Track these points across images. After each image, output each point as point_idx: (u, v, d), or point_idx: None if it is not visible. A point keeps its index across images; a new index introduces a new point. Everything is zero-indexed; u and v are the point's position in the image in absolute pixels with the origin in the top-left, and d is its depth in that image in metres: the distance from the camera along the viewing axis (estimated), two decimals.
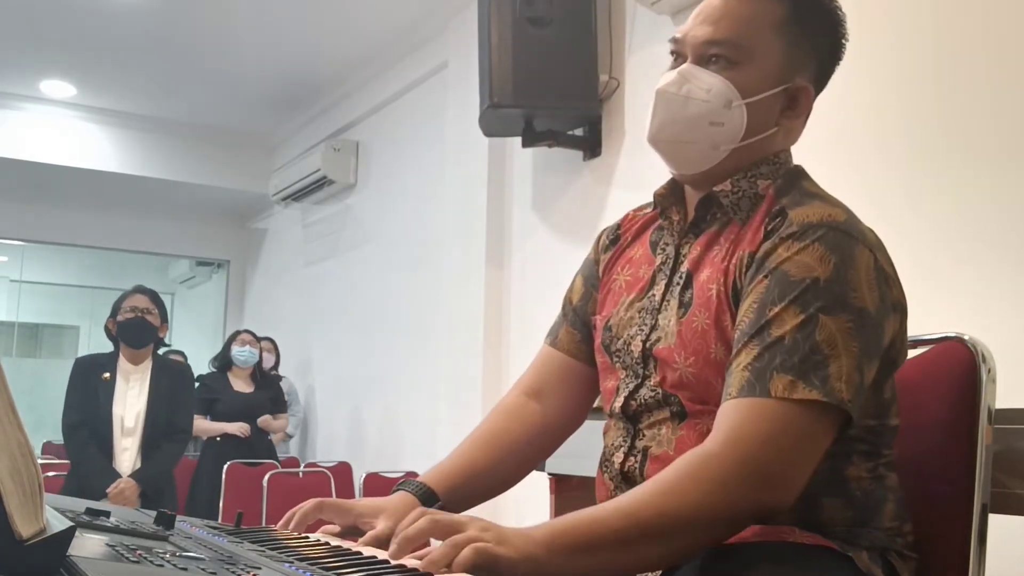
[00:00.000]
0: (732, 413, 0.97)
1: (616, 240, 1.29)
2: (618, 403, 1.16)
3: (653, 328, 1.14)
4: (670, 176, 1.21)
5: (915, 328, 1.26)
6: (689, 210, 1.18)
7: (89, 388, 3.53)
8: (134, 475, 3.47)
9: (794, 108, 1.14)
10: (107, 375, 3.55)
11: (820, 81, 1.18)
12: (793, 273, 1.00)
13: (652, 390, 1.12)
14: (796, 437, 0.95)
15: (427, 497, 1.18)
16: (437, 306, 4.54)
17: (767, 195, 1.12)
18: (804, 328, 0.97)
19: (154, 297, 3.65)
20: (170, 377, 3.68)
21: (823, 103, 1.21)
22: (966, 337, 1.17)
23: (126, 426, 3.53)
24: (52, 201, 6.69)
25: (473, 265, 4.17)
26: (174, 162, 6.41)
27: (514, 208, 4.11)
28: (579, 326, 1.30)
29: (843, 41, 1.18)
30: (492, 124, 3.63)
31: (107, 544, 0.81)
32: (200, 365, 6.12)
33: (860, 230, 1.05)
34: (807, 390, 0.95)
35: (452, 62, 4.49)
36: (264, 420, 4.99)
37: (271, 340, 5.72)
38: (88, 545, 0.79)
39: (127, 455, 3.51)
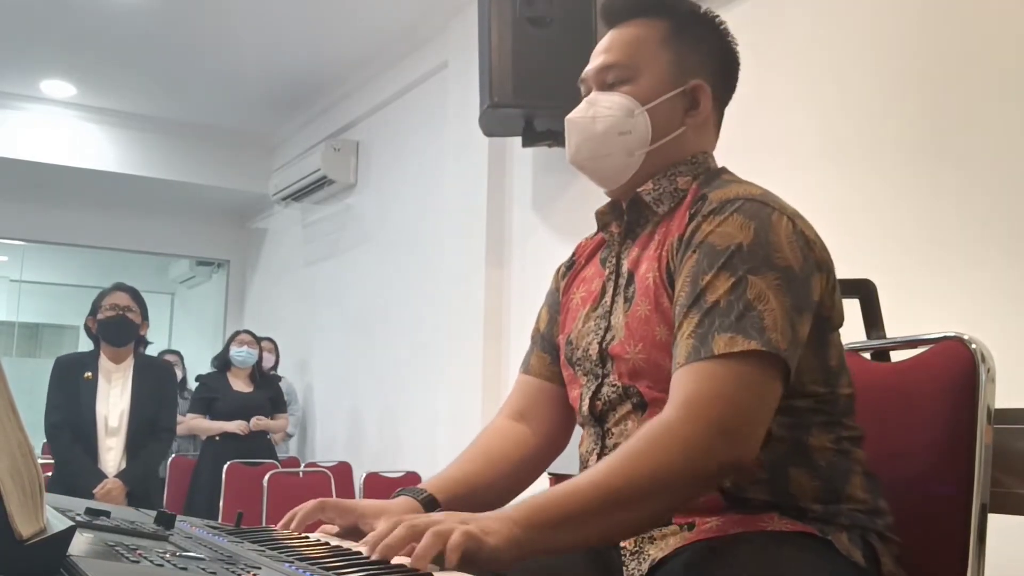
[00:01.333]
0: (683, 379, 1.03)
1: (571, 266, 1.38)
2: (584, 406, 1.21)
3: (607, 330, 1.20)
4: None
5: (915, 328, 1.27)
6: (622, 215, 1.26)
7: (71, 388, 3.49)
8: (120, 475, 3.44)
9: (696, 107, 1.23)
10: (89, 374, 3.51)
11: (721, 82, 1.26)
12: (718, 243, 1.07)
13: (612, 385, 1.17)
14: (745, 390, 1.01)
15: (430, 504, 1.20)
16: (437, 306, 4.54)
17: (690, 189, 1.20)
18: (736, 289, 1.04)
19: (135, 295, 3.61)
20: (153, 375, 3.65)
21: (823, 103, 1.21)
22: (966, 337, 1.17)
23: (110, 426, 3.50)
24: (52, 201, 6.69)
25: (473, 265, 4.17)
26: (174, 162, 6.41)
27: (514, 208, 4.11)
28: (548, 349, 1.36)
29: (732, 46, 1.28)
30: (492, 124, 3.63)
31: (107, 544, 0.81)
32: (200, 365, 6.13)
33: (777, 201, 1.12)
34: (746, 341, 1.01)
35: (452, 62, 4.49)
36: (256, 421, 4.96)
37: (271, 340, 5.72)
38: (88, 545, 0.79)
39: (112, 455, 3.49)
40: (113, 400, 3.53)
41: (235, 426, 4.88)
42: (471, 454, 1.33)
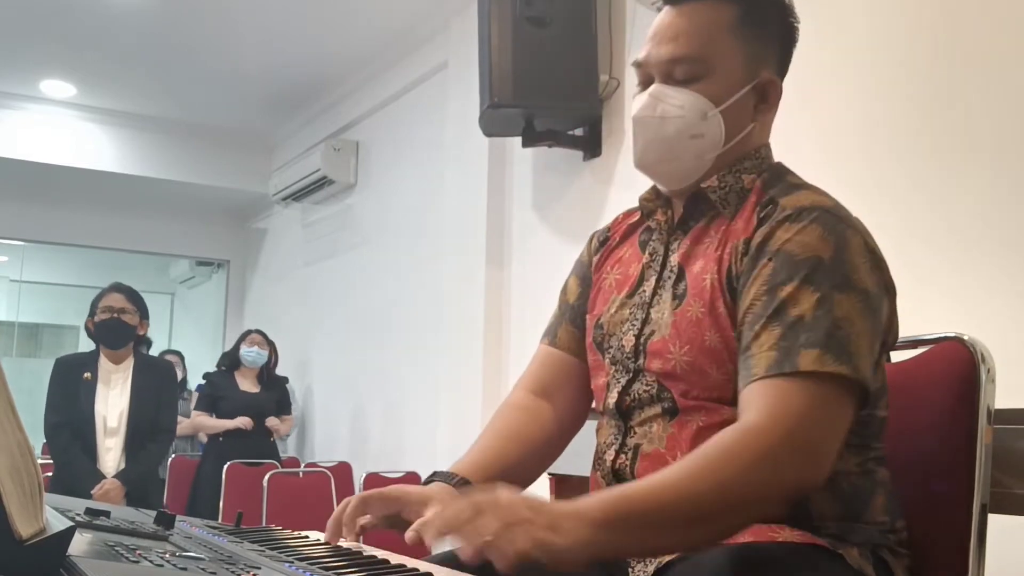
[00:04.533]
0: (765, 391, 0.98)
1: (605, 241, 1.32)
2: (611, 399, 1.17)
3: (645, 322, 1.15)
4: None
5: (915, 328, 1.26)
6: (676, 209, 1.21)
7: (71, 388, 3.48)
8: (119, 475, 3.44)
9: (766, 101, 1.17)
10: (88, 375, 3.51)
11: (782, 68, 1.21)
12: (797, 252, 1.03)
13: (647, 385, 1.13)
14: (828, 411, 0.97)
15: (464, 488, 1.16)
16: (437, 306, 4.54)
17: (754, 188, 1.14)
18: (822, 306, 0.99)
19: (131, 295, 3.59)
20: (153, 376, 3.64)
21: (822, 102, 1.22)
22: (966, 337, 1.17)
23: (109, 426, 3.50)
24: (52, 201, 6.69)
25: (473, 265, 4.17)
26: (174, 162, 6.40)
27: (514, 208, 4.11)
28: (579, 323, 1.30)
29: (795, 24, 1.21)
30: (492, 124, 3.63)
31: (107, 544, 0.81)
32: (200, 365, 6.13)
33: (847, 216, 1.08)
34: (836, 363, 0.97)
35: (452, 62, 4.49)
36: (272, 422, 4.98)
37: (270, 342, 5.71)
38: (88, 545, 0.79)
39: (111, 455, 3.48)
40: (112, 401, 3.52)
41: (239, 422, 4.87)
42: (496, 432, 1.28)
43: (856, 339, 0.99)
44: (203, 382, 5.36)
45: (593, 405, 1.29)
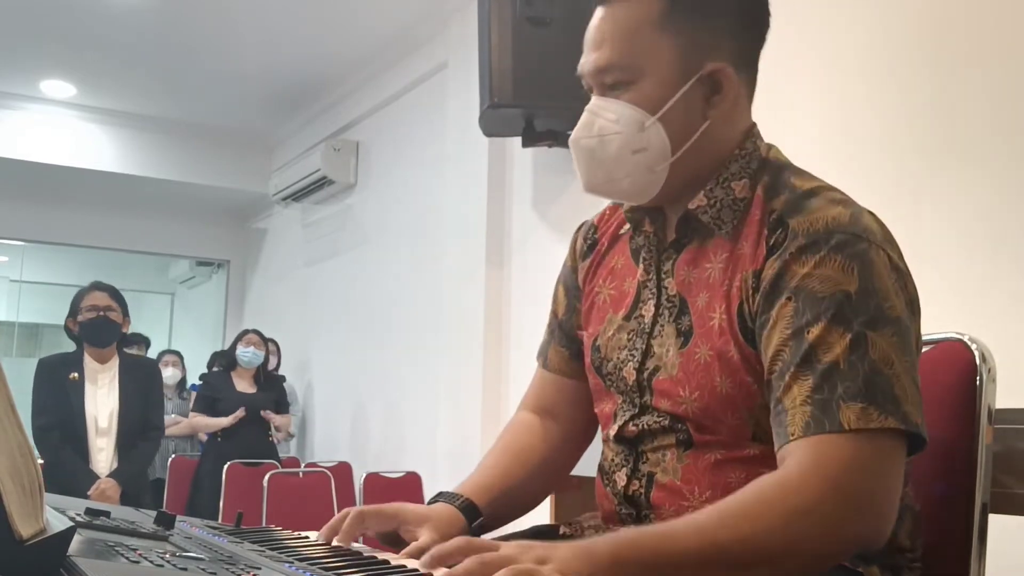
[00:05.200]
0: (805, 449, 0.89)
1: (594, 245, 1.22)
2: (613, 430, 1.12)
3: (646, 355, 1.08)
4: None
5: None
6: (668, 222, 1.11)
7: (58, 389, 3.46)
8: (113, 475, 3.43)
9: (719, 91, 1.05)
10: (75, 375, 3.49)
11: (743, 52, 1.08)
12: (819, 290, 0.93)
13: (658, 417, 1.06)
14: (879, 465, 0.89)
15: (470, 511, 1.14)
16: (437, 306, 4.54)
17: (755, 199, 1.04)
18: (856, 349, 0.90)
19: (113, 293, 3.58)
20: (139, 375, 3.64)
21: (821, 102, 1.21)
22: (966, 337, 1.17)
23: (100, 426, 3.49)
24: (52, 201, 6.69)
25: (473, 265, 4.17)
26: (174, 162, 6.41)
27: (514, 208, 4.11)
28: (566, 343, 1.25)
29: (754, 2, 1.08)
30: (492, 124, 3.62)
31: (107, 544, 0.81)
32: (200, 365, 6.12)
33: (867, 227, 0.98)
34: (882, 417, 0.88)
35: (452, 62, 4.49)
36: (267, 413, 4.96)
37: (274, 342, 5.72)
38: (88, 545, 0.79)
39: (103, 455, 3.47)
40: (101, 400, 3.51)
41: (232, 417, 4.85)
42: (502, 452, 1.24)
43: (898, 381, 0.90)
44: (200, 383, 5.36)
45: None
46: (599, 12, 1.07)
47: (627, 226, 1.18)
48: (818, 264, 0.94)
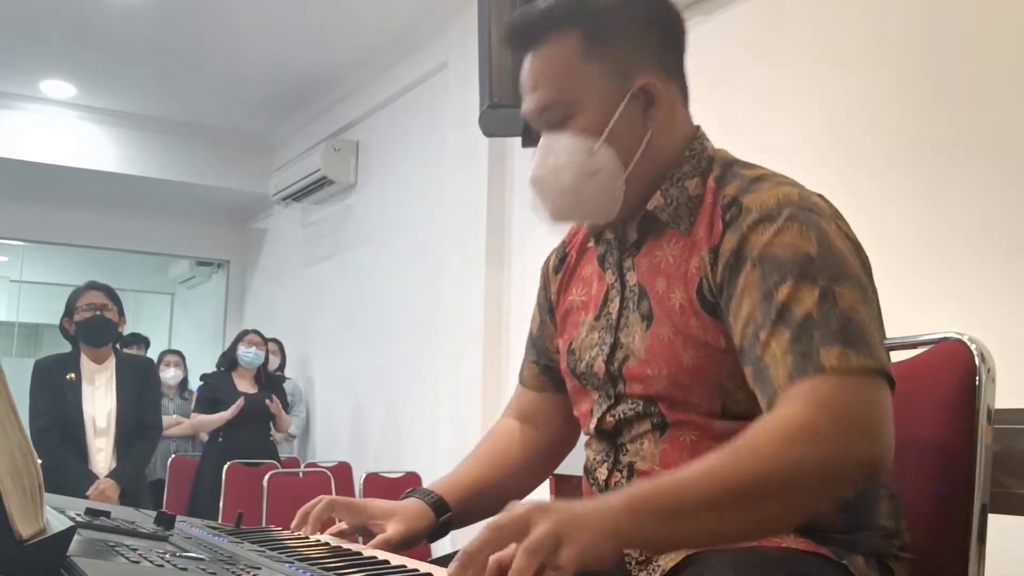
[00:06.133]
0: (794, 393, 0.92)
1: (563, 259, 1.29)
2: (592, 425, 1.15)
3: (615, 347, 1.13)
4: None
5: (915, 328, 1.26)
6: (627, 226, 1.16)
7: (55, 391, 3.45)
8: (112, 475, 3.43)
9: (653, 103, 1.10)
10: (72, 376, 3.48)
11: (666, 59, 1.13)
12: (781, 254, 0.98)
13: (632, 404, 1.10)
14: (871, 395, 0.92)
15: (439, 507, 1.19)
16: (437, 306, 4.54)
17: (707, 190, 1.09)
18: (825, 301, 0.95)
19: (109, 292, 3.56)
20: (136, 374, 3.63)
21: (819, 103, 1.21)
22: (966, 337, 1.17)
23: (98, 426, 3.49)
24: (52, 201, 6.69)
25: (473, 265, 4.17)
26: (174, 162, 6.41)
27: (514, 208, 4.11)
28: (536, 358, 1.32)
29: (662, 13, 1.13)
30: (492, 124, 3.62)
31: (107, 544, 0.81)
32: (200, 365, 6.12)
33: (815, 204, 1.03)
34: (860, 356, 0.92)
35: (452, 62, 4.49)
36: (275, 405, 4.93)
37: (277, 342, 5.71)
38: (88, 545, 0.79)
39: (102, 455, 3.47)
40: (99, 401, 3.51)
41: (231, 411, 4.84)
42: (479, 454, 1.31)
43: (868, 328, 0.95)
44: (201, 384, 5.36)
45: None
46: (528, 58, 1.14)
47: (592, 243, 1.24)
48: (777, 233, 1.00)
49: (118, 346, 3.73)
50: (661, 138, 1.11)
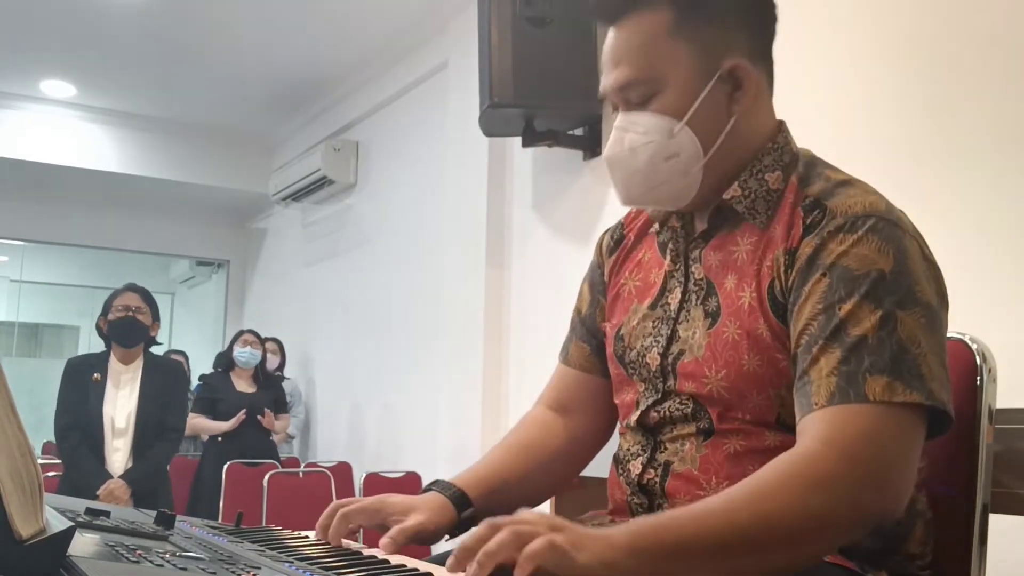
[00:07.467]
0: (827, 419, 0.90)
1: (620, 240, 1.24)
2: (634, 417, 1.12)
3: (671, 339, 1.09)
4: None
5: None
6: (697, 215, 1.13)
7: (80, 390, 3.51)
8: (124, 475, 3.45)
9: (740, 87, 1.07)
10: (97, 376, 3.53)
11: (757, 45, 1.09)
12: (855, 267, 0.95)
13: (681, 403, 1.07)
14: (900, 440, 0.89)
15: (460, 501, 1.14)
16: (437, 306, 4.54)
17: (789, 186, 1.06)
18: (885, 325, 0.92)
19: (145, 295, 3.61)
20: (162, 376, 3.66)
21: (818, 103, 1.21)
22: (966, 337, 1.17)
23: (117, 427, 3.52)
24: (52, 201, 6.69)
25: (473, 265, 4.17)
26: (174, 162, 6.41)
27: (514, 208, 4.11)
28: (587, 338, 1.26)
29: None
30: (492, 124, 3.62)
31: (107, 544, 0.81)
32: (200, 365, 6.13)
33: (902, 219, 1.00)
34: (908, 392, 0.89)
35: (452, 62, 4.49)
36: (267, 416, 4.95)
37: (277, 341, 5.71)
38: (88, 545, 0.79)
39: (119, 456, 3.50)
40: (121, 402, 3.54)
41: (232, 422, 4.86)
42: (506, 445, 1.24)
43: (925, 360, 0.91)
44: (200, 384, 5.37)
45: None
46: (611, 32, 1.10)
47: (654, 228, 1.19)
48: (855, 243, 0.96)
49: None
50: (745, 126, 1.08)
